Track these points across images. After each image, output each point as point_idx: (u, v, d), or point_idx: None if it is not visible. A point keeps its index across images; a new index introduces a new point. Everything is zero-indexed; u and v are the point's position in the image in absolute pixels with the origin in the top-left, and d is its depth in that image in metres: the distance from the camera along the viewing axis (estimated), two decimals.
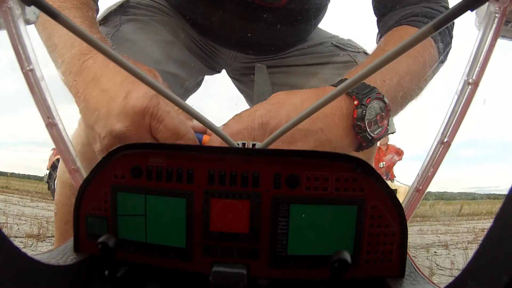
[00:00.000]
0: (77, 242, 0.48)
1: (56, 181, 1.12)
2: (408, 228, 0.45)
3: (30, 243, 3.57)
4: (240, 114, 0.69)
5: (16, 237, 3.90)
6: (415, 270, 0.47)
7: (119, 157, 0.46)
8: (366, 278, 0.45)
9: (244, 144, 0.54)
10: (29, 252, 0.38)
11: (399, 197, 0.45)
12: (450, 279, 0.35)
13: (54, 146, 0.59)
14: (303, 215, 0.43)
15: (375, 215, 0.44)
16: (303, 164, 0.44)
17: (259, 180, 0.44)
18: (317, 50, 1.26)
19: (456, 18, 0.37)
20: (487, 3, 0.47)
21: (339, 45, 1.24)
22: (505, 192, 0.27)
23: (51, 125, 0.56)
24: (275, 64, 1.27)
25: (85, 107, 0.68)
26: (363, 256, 0.44)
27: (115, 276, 0.43)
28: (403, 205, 0.45)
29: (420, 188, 0.54)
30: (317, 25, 1.31)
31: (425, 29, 0.38)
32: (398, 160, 9.01)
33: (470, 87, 0.51)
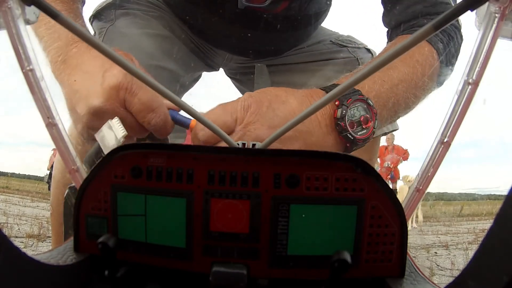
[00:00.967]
0: (77, 242, 0.48)
1: (51, 182, 1.13)
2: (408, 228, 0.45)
3: (30, 243, 3.57)
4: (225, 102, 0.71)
5: (16, 237, 3.91)
6: (415, 270, 0.47)
7: (119, 157, 0.46)
8: (366, 278, 0.45)
9: (244, 144, 0.54)
10: (29, 252, 0.38)
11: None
12: (451, 280, 0.35)
13: (54, 146, 0.59)
14: (303, 215, 0.43)
15: (375, 215, 0.44)
16: (303, 164, 0.44)
17: (259, 180, 0.44)
18: (316, 49, 1.26)
19: (456, 18, 0.37)
20: (487, 3, 0.47)
21: (338, 42, 1.24)
22: (506, 192, 0.27)
23: (51, 125, 0.55)
24: (273, 63, 1.27)
25: (68, 91, 0.72)
26: (363, 256, 0.44)
27: (115, 276, 0.43)
28: (403, 205, 0.45)
29: (420, 188, 0.54)
30: (317, 28, 1.30)
31: (425, 29, 0.38)
32: (403, 160, 9.02)
33: (470, 87, 0.51)
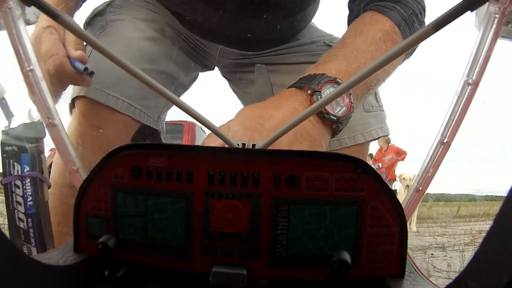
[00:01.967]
0: (77, 242, 0.48)
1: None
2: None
3: None
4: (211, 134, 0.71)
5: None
6: (415, 270, 0.47)
7: (119, 157, 0.46)
8: (366, 278, 0.45)
9: (244, 144, 0.54)
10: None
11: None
12: (447, 281, 0.35)
13: (52, 147, 0.59)
14: (303, 216, 0.43)
15: (375, 215, 0.44)
16: (303, 164, 0.44)
17: (259, 180, 0.44)
18: (309, 49, 1.25)
19: (456, 18, 0.37)
20: (487, 3, 0.48)
21: (331, 44, 1.22)
22: (503, 193, 0.27)
23: (51, 126, 0.55)
24: (265, 61, 1.25)
25: None
26: (363, 256, 0.44)
27: (115, 276, 0.43)
28: (403, 205, 0.45)
29: (420, 188, 0.54)
30: (307, 21, 1.30)
31: (424, 30, 0.38)
32: (400, 160, 8.97)
33: (470, 87, 0.51)
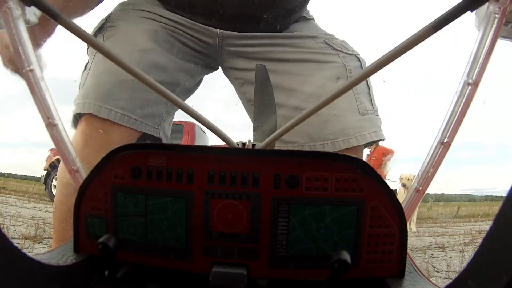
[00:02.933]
0: (77, 242, 0.48)
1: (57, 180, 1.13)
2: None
3: (26, 244, 3.55)
4: None
5: (13, 238, 3.88)
6: (415, 270, 0.47)
7: (119, 158, 0.46)
8: (366, 279, 0.45)
9: (244, 144, 0.54)
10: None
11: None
12: (447, 281, 0.35)
13: (52, 147, 0.59)
14: (303, 216, 0.43)
15: (375, 216, 0.44)
16: (303, 164, 0.44)
17: (259, 180, 0.44)
18: (309, 45, 1.23)
19: (456, 18, 0.37)
20: (487, 4, 0.48)
21: (331, 44, 1.23)
22: (503, 193, 0.27)
23: (51, 126, 0.55)
24: (264, 55, 1.23)
25: None
26: (363, 257, 0.44)
27: (115, 277, 0.42)
28: (402, 205, 0.45)
29: (420, 188, 0.54)
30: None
31: (424, 30, 0.38)
32: (387, 160, 8.91)
33: (470, 87, 0.51)
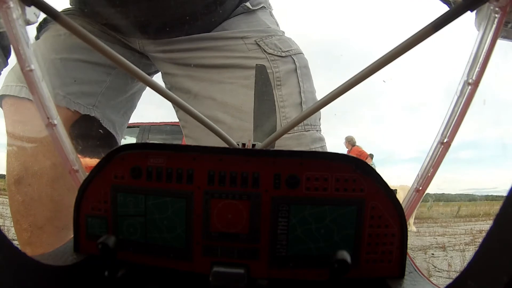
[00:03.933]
0: (77, 242, 0.48)
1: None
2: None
3: None
4: None
5: (13, 240, 3.87)
6: (415, 270, 0.47)
7: (119, 158, 0.46)
8: (366, 278, 0.45)
9: (244, 144, 0.54)
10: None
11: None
12: (448, 281, 0.35)
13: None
14: (303, 216, 0.43)
15: (375, 216, 0.44)
16: (303, 164, 0.44)
17: (259, 180, 0.44)
18: (236, 47, 1.13)
19: (456, 18, 0.37)
20: (487, 4, 0.48)
21: (262, 45, 1.11)
22: (503, 193, 0.27)
23: (51, 126, 0.55)
24: (187, 62, 1.16)
25: None
26: (363, 257, 0.44)
27: (115, 276, 0.42)
28: (403, 205, 0.45)
29: (420, 188, 0.54)
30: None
31: (425, 29, 0.38)
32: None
33: (470, 87, 0.51)
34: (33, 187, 1.05)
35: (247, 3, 1.19)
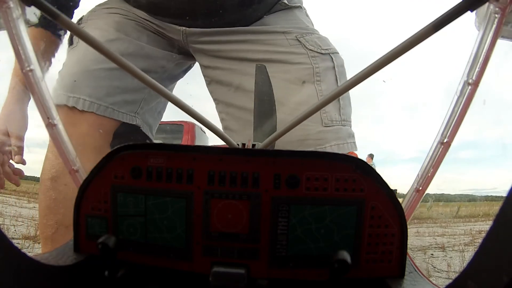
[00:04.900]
0: (77, 242, 0.48)
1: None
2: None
3: (26, 244, 3.55)
4: None
5: (13, 238, 3.88)
6: (415, 270, 0.47)
7: (119, 158, 0.46)
8: (366, 278, 0.45)
9: (244, 144, 0.54)
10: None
11: None
12: (447, 281, 0.35)
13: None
14: (303, 216, 0.43)
15: (375, 216, 0.44)
16: (303, 164, 0.44)
17: (259, 180, 0.44)
18: (277, 42, 1.16)
19: (456, 18, 0.37)
20: (487, 4, 0.48)
21: (302, 42, 1.14)
22: (503, 194, 0.27)
23: (51, 126, 0.56)
24: (229, 55, 1.18)
25: None
26: (363, 257, 0.44)
27: (115, 276, 0.42)
28: (403, 205, 0.45)
29: (420, 188, 0.54)
30: None
31: (424, 30, 0.38)
32: None
33: (470, 87, 0.51)
34: (69, 187, 1.06)
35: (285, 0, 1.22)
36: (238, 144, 0.54)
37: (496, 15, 0.48)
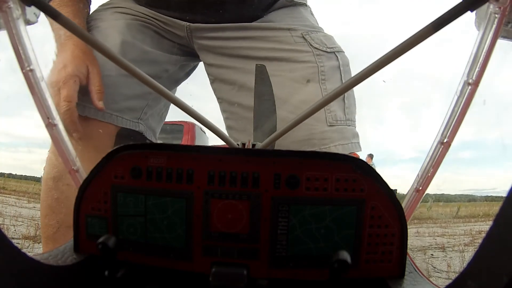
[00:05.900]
0: (77, 242, 0.48)
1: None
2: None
3: (26, 244, 3.55)
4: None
5: (13, 238, 3.88)
6: (415, 270, 0.47)
7: (119, 158, 0.46)
8: (366, 278, 0.45)
9: (244, 144, 0.54)
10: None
11: None
12: (447, 282, 0.35)
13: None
14: (303, 216, 0.43)
15: (375, 216, 0.44)
16: (303, 164, 0.44)
17: (259, 180, 0.44)
18: (283, 39, 1.15)
19: (456, 18, 0.37)
20: (487, 4, 0.48)
21: (308, 39, 1.13)
22: (503, 194, 0.27)
23: (51, 126, 0.56)
24: (233, 52, 1.18)
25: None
26: (363, 257, 0.44)
27: (115, 276, 0.42)
28: (403, 205, 0.45)
29: (420, 188, 0.54)
30: None
31: (425, 29, 0.38)
32: None
33: (470, 87, 0.51)
34: (70, 187, 1.06)
35: None
36: (238, 144, 0.54)
37: (496, 15, 0.48)
